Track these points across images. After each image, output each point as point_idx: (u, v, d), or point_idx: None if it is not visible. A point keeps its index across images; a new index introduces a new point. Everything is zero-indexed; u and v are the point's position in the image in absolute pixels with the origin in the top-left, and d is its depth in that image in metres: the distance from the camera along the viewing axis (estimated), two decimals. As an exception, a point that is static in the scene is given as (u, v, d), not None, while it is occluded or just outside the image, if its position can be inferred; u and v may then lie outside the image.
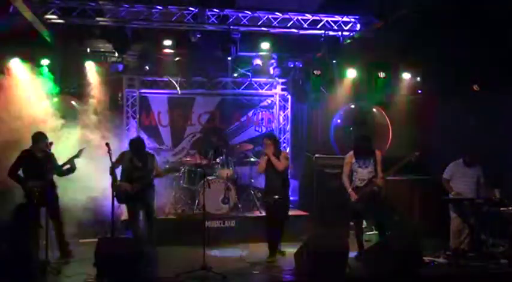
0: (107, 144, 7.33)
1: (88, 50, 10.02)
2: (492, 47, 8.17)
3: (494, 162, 8.53)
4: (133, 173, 7.65)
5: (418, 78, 10.39)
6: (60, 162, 7.73)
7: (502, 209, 7.84)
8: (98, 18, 8.31)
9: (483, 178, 8.18)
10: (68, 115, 9.49)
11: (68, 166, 7.73)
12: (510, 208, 7.80)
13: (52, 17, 8.17)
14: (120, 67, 10.19)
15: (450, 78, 9.30)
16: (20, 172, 7.53)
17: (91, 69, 9.97)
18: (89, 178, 8.42)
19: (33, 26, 8.15)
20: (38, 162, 7.48)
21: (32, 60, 9.15)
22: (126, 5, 8.29)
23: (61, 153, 7.86)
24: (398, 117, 10.67)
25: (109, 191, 7.30)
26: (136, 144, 7.81)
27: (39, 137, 7.64)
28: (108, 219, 7.52)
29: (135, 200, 7.65)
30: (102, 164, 7.68)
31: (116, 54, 9.86)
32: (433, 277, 7.19)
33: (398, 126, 10.79)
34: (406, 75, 10.43)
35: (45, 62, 9.32)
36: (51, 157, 7.58)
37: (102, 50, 10.25)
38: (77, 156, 7.74)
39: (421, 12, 7.97)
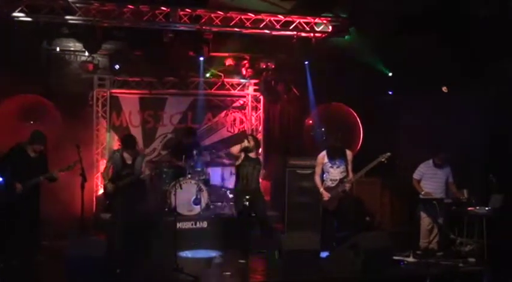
0: (77, 146, 7.22)
1: (57, 48, 9.87)
2: (459, 48, 8.32)
3: (462, 162, 8.67)
4: (123, 170, 7.67)
5: (389, 80, 10.49)
6: None
7: (469, 208, 8.00)
8: (67, 17, 8.18)
9: (452, 178, 8.33)
10: (36, 115, 9.35)
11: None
12: (477, 208, 7.95)
13: (20, 15, 8.02)
14: (91, 66, 10.06)
15: (420, 79, 9.42)
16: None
17: (60, 68, 9.83)
18: (59, 179, 8.29)
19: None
20: (29, 162, 7.33)
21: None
22: (96, 4, 8.19)
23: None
24: (370, 118, 10.78)
25: (79, 192, 7.19)
26: (129, 139, 7.88)
27: (38, 138, 7.42)
28: (79, 220, 7.43)
29: (122, 198, 7.60)
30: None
31: (86, 54, 9.75)
32: (402, 276, 7.27)
33: (370, 126, 10.89)
34: (378, 76, 10.52)
35: (13, 60, 9.13)
36: (44, 160, 7.47)
37: (72, 49, 10.12)
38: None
39: (391, 15, 8.08)
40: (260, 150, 11.47)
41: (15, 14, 7.97)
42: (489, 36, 7.76)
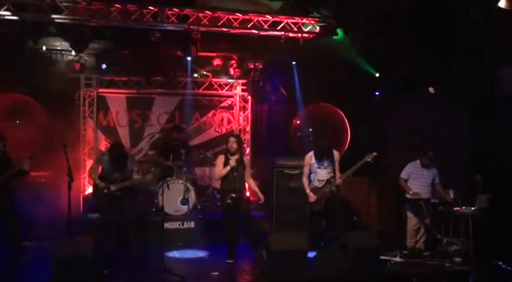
0: (64, 145, 7.16)
1: (44, 47, 9.79)
2: (446, 49, 8.38)
3: (449, 162, 8.74)
4: (113, 174, 7.66)
5: (377, 80, 10.54)
6: None
7: (455, 208, 8.06)
8: (54, 16, 8.10)
9: (438, 180, 8.38)
10: (23, 115, 9.26)
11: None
12: (463, 208, 8.01)
13: (5, 14, 7.93)
14: (77, 66, 9.99)
15: (407, 80, 9.49)
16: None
17: (46, 67, 9.74)
18: (45, 179, 8.22)
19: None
20: None
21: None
22: (83, 3, 8.13)
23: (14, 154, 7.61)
24: (357, 118, 10.82)
25: (66, 192, 7.14)
26: (116, 150, 7.95)
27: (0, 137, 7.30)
28: (64, 221, 7.37)
29: (115, 202, 7.58)
30: (58, 165, 7.51)
31: (73, 53, 9.68)
32: (389, 276, 7.31)
33: (357, 127, 10.94)
34: (365, 77, 10.57)
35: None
36: (8, 159, 7.34)
37: (58, 48, 10.03)
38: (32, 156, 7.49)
39: (378, 15, 8.12)
40: (248, 150, 11.51)
41: (1, 12, 7.88)
42: (474, 37, 7.82)
